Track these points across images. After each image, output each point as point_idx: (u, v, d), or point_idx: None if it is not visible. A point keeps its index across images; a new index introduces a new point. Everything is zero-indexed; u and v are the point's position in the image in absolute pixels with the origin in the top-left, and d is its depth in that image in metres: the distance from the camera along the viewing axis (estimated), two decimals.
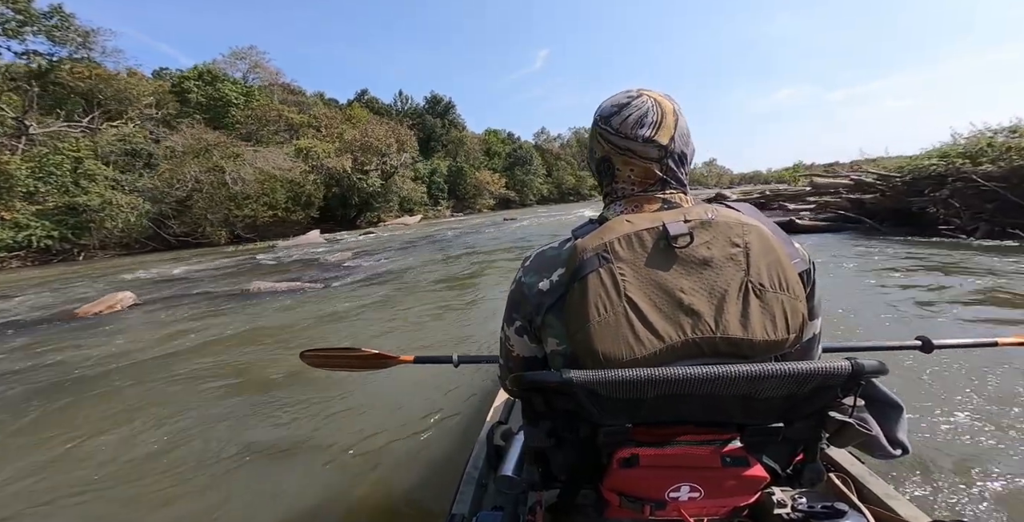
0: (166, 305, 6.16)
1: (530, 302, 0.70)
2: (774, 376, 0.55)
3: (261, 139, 25.69)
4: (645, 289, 0.60)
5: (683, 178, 0.73)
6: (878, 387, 0.69)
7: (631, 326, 0.59)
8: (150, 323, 5.16)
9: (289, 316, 4.89)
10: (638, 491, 0.62)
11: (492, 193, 44.75)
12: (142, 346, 4.05)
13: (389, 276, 7.24)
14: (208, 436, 2.24)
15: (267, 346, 3.74)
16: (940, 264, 4.92)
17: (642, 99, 0.70)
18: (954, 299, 3.56)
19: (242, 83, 27.72)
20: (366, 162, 26.52)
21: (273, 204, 20.91)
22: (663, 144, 0.69)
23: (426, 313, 4.59)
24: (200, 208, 18.54)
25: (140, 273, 10.29)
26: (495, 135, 53.78)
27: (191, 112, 24.88)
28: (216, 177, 18.57)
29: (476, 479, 1.08)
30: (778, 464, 0.67)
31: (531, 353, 0.76)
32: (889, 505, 0.91)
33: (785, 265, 0.63)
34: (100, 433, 2.37)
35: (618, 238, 0.63)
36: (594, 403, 0.58)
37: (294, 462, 1.96)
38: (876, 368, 0.57)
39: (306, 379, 2.81)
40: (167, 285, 8.19)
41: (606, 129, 0.71)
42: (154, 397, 2.82)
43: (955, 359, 2.37)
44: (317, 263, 9.55)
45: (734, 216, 0.66)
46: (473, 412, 2.22)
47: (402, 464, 1.88)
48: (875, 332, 3.03)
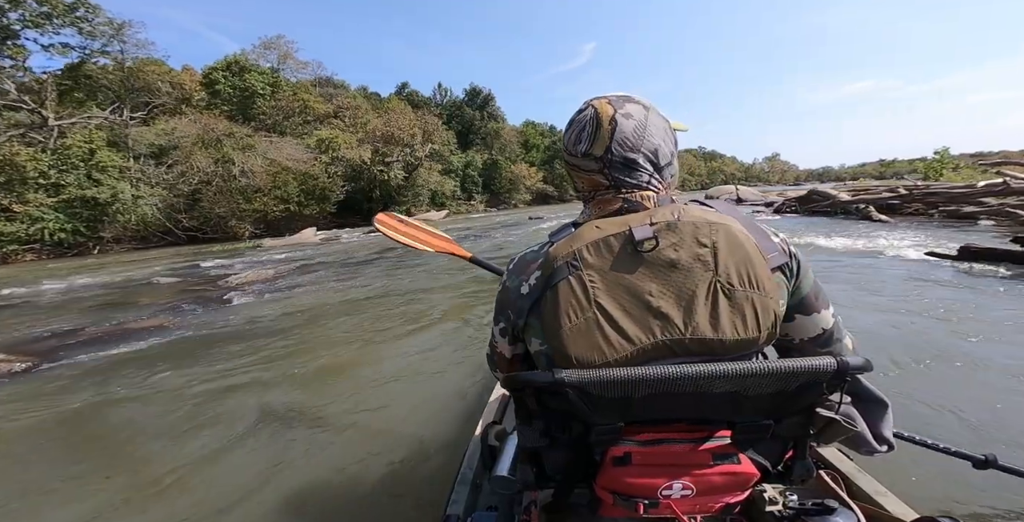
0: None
1: (513, 305, 0.71)
2: (762, 373, 0.55)
3: (285, 130, 25.07)
4: (614, 294, 0.61)
5: (643, 181, 0.71)
6: (864, 384, 0.69)
7: (602, 331, 0.60)
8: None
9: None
10: (631, 489, 0.62)
11: (528, 188, 42.73)
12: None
13: (263, 330, 4.18)
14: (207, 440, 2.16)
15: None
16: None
17: (584, 113, 0.71)
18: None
19: (269, 73, 27.16)
20: (388, 153, 25.19)
21: (285, 198, 19.97)
22: (598, 155, 0.70)
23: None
24: (208, 202, 17.82)
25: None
26: (534, 127, 51.30)
27: (219, 104, 24.65)
28: (224, 169, 17.72)
29: (471, 479, 1.09)
30: (769, 461, 0.66)
31: (511, 353, 0.79)
32: (878, 501, 0.93)
33: (755, 262, 0.62)
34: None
35: (587, 245, 0.64)
36: (585, 402, 0.58)
37: (285, 464, 1.93)
38: (861, 365, 0.57)
39: (297, 383, 2.79)
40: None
41: (563, 147, 0.75)
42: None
43: (952, 356, 2.55)
44: (226, 286, 6.87)
45: (702, 216, 0.65)
46: (467, 412, 2.22)
47: (396, 465, 1.87)
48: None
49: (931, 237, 6.85)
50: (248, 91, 25.27)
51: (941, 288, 4.07)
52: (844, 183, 32.08)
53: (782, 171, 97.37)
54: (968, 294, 3.82)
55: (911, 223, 8.31)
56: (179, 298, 6.30)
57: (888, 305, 3.65)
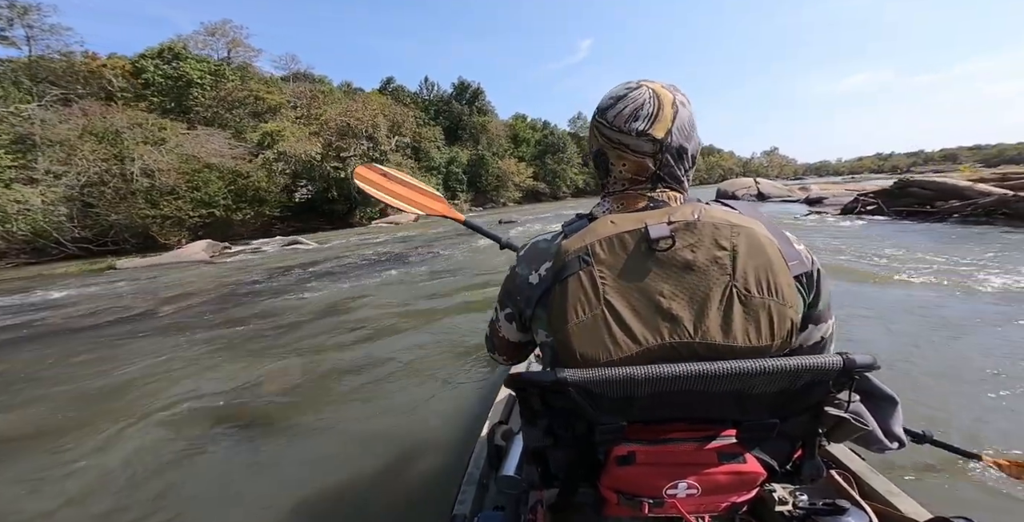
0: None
1: (522, 293, 0.70)
2: (766, 372, 0.55)
3: (227, 123, 21.90)
4: (624, 293, 0.60)
5: (680, 175, 0.70)
6: (872, 381, 0.68)
7: (608, 329, 0.59)
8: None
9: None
10: (635, 488, 0.62)
11: (518, 184, 39.39)
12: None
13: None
14: (213, 436, 2.19)
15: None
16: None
17: (640, 91, 0.67)
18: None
19: (210, 61, 24.00)
20: (344, 148, 21.95)
21: (208, 201, 16.77)
22: (658, 137, 0.66)
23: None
24: (105, 207, 14.66)
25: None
26: (523, 121, 47.83)
27: (149, 95, 21.56)
28: (118, 168, 14.51)
29: (477, 479, 1.08)
30: (776, 460, 0.65)
31: (517, 339, 0.79)
32: (891, 501, 0.91)
33: (776, 269, 0.61)
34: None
35: (599, 240, 0.62)
36: (589, 401, 0.58)
37: (295, 464, 1.93)
38: (868, 362, 0.56)
39: (301, 385, 2.79)
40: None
41: (601, 122, 0.69)
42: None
43: (956, 354, 2.32)
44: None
45: (723, 217, 0.63)
46: (474, 412, 2.20)
47: (403, 464, 1.87)
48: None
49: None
50: (183, 80, 22.13)
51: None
52: (852, 177, 28.54)
53: (781, 166, 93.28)
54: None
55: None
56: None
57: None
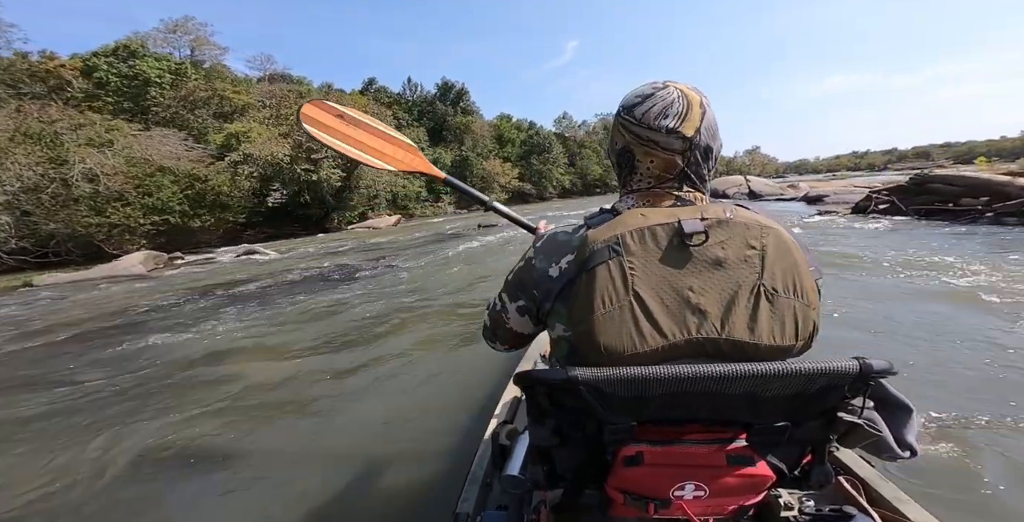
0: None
1: (540, 286, 0.68)
2: (781, 375, 0.54)
3: (188, 124, 20.58)
4: (653, 285, 0.59)
5: (705, 175, 0.70)
6: (887, 388, 0.67)
7: (635, 321, 0.58)
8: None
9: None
10: (642, 489, 0.61)
11: (503, 186, 38.48)
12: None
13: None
14: (217, 434, 2.21)
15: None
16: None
17: (668, 90, 0.67)
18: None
19: (169, 59, 22.66)
20: (315, 148, 20.77)
21: (162, 207, 15.48)
22: (687, 136, 0.66)
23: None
24: (43, 215, 13.32)
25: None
26: (507, 121, 46.91)
27: (102, 95, 20.18)
28: (56, 172, 13.18)
29: (481, 478, 1.08)
30: (785, 465, 0.65)
31: (528, 331, 0.77)
32: (899, 509, 0.90)
33: (802, 272, 0.61)
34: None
35: (630, 231, 0.61)
36: (599, 400, 0.57)
37: (298, 462, 1.94)
38: (885, 368, 0.56)
39: (306, 381, 2.81)
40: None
41: (628, 119, 0.69)
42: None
43: (976, 361, 2.29)
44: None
45: (753, 217, 0.64)
46: (478, 411, 2.19)
47: (407, 463, 1.87)
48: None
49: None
50: (139, 79, 20.78)
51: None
52: (832, 174, 28.18)
53: (763, 164, 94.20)
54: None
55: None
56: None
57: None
